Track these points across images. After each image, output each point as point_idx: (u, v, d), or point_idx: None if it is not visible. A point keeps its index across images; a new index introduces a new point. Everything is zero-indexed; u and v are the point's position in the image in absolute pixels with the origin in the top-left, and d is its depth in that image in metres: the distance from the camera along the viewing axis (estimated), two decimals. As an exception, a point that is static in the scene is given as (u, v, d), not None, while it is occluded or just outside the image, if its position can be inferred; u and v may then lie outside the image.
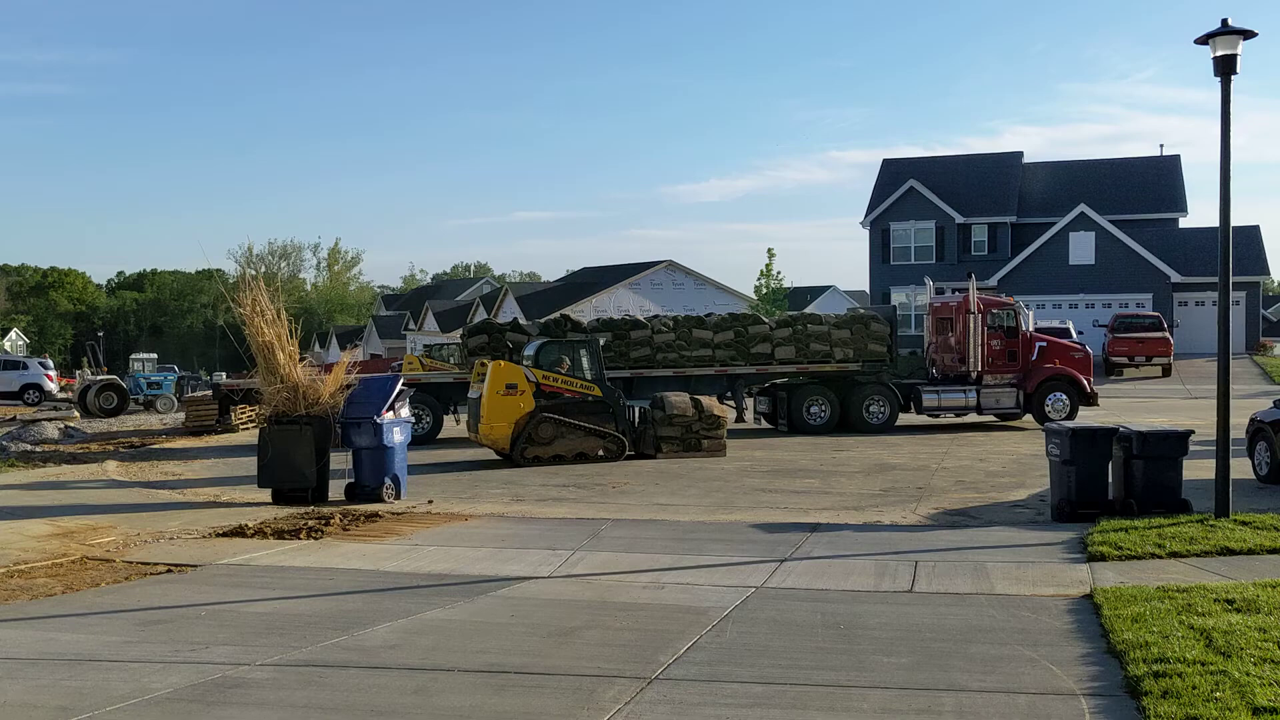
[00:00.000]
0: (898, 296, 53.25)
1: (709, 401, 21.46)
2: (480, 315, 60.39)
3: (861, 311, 28.69)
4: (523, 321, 28.63)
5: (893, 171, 58.07)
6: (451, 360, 36.69)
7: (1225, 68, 12.40)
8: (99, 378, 42.39)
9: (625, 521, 13.94)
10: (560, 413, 19.99)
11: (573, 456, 20.01)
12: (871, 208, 56.00)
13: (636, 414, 20.98)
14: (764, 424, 26.80)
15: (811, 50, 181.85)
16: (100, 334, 77.98)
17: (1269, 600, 8.83)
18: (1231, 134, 12.53)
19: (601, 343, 22.25)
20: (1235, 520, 12.27)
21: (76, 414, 37.43)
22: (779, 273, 55.58)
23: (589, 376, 20.60)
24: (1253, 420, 16.75)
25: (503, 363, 20.54)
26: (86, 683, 7.50)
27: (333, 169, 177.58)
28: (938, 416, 25.77)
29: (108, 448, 25.39)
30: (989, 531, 13.00)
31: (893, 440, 23.36)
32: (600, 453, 20.20)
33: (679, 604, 9.63)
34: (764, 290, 54.58)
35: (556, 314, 30.55)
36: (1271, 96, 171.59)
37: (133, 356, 55.50)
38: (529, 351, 21.57)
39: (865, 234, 56.19)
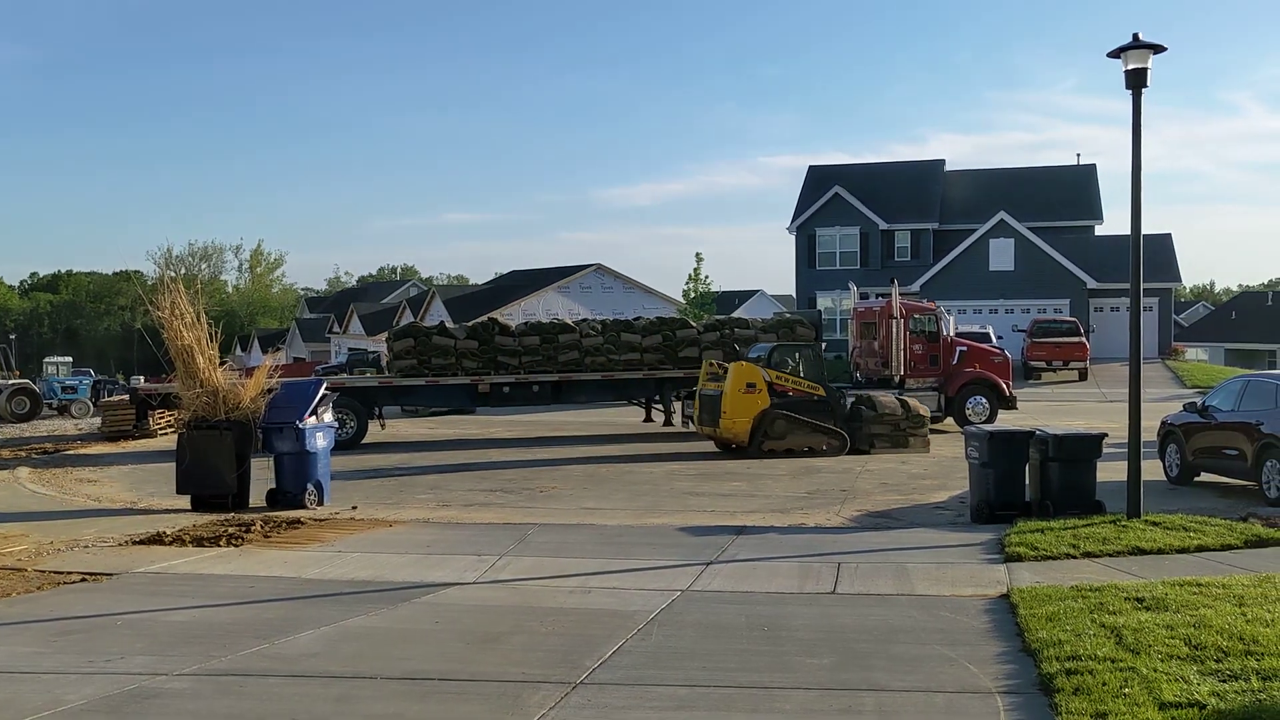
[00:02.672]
0: (823, 301, 53.86)
1: (914, 402, 22.45)
2: (407, 318, 59.75)
3: (788, 316, 28.98)
4: (450, 325, 28.45)
5: (818, 178, 58.70)
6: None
7: (1136, 81, 12.78)
8: (11, 382, 41.17)
9: (553, 526, 13.94)
10: (790, 410, 21.20)
11: (802, 450, 21.10)
12: (798, 213, 56.55)
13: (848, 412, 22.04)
14: (692, 427, 26.89)
15: (742, 57, 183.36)
16: (12, 337, 75.67)
17: (1177, 598, 9.11)
18: (1143, 145, 12.95)
19: (824, 346, 23.69)
20: (1146, 521, 12.64)
21: (-13, 419, 36.35)
22: (707, 277, 55.77)
23: (813, 378, 21.74)
24: (1164, 423, 17.25)
25: (744, 364, 21.79)
26: (-4, 696, 7.31)
27: (256, 171, 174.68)
28: (862, 420, 26.08)
29: (20, 454, 24.69)
30: (911, 533, 13.23)
31: (818, 443, 23.60)
32: (824, 447, 21.26)
33: (605, 608, 9.66)
34: (692, 294, 54.76)
35: (484, 317, 30.43)
36: (1186, 107, 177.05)
37: (46, 360, 54.03)
38: (756, 353, 22.71)
39: (792, 239, 56.75)
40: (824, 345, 27.33)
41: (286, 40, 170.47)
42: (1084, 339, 41.55)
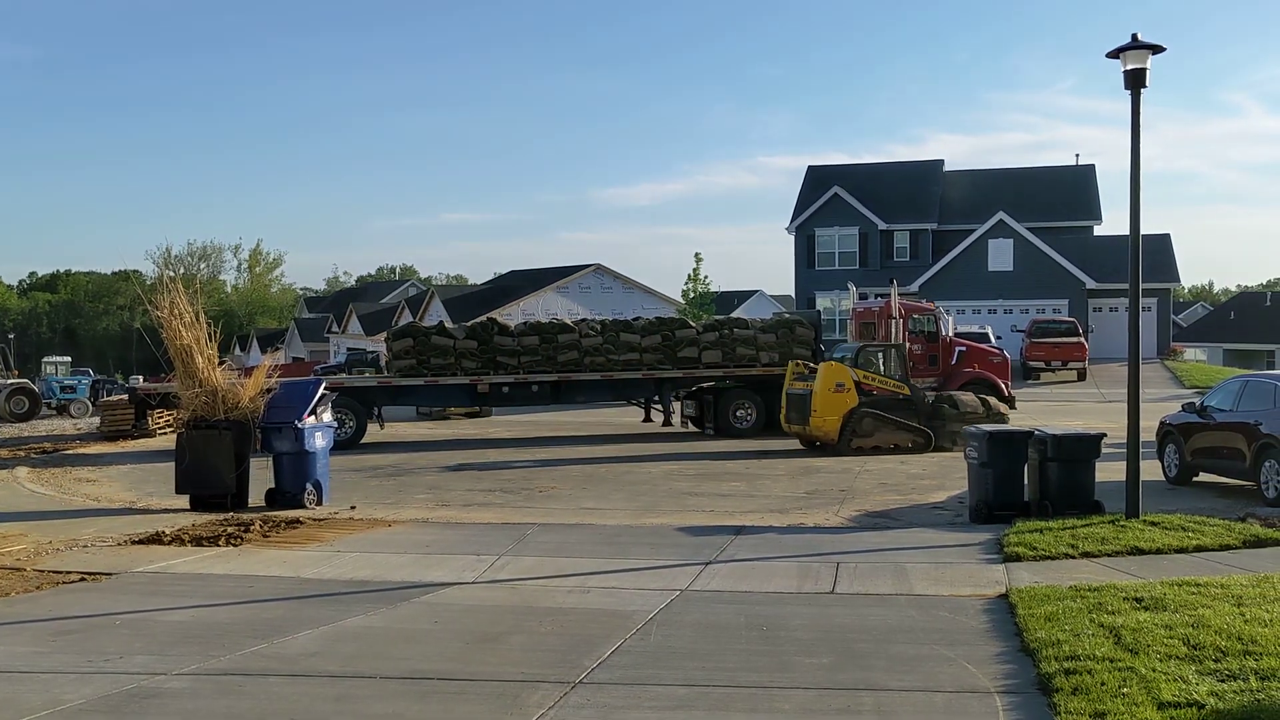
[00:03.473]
0: (822, 301, 53.88)
1: (994, 401, 23.07)
2: (405, 318, 59.75)
3: (787, 316, 29.01)
4: (449, 325, 28.45)
5: (817, 178, 58.72)
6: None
7: (1135, 81, 12.78)
8: (10, 381, 41.13)
9: (552, 526, 13.94)
10: (877, 408, 21.78)
11: (888, 448, 21.59)
12: (797, 213, 56.57)
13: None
14: (691, 427, 26.94)
15: (742, 58, 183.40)
16: (11, 336, 75.61)
17: (1175, 598, 9.11)
18: (1142, 145, 12.95)
19: (907, 349, 24.16)
20: (1145, 521, 12.64)
21: (-14, 419, 36.32)
22: (706, 277, 55.90)
23: (897, 377, 22.37)
24: (1162, 424, 17.25)
25: (833, 363, 22.43)
26: (-5, 695, 7.31)
27: (255, 170, 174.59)
28: (861, 420, 26.13)
29: (19, 454, 24.68)
30: (909, 533, 13.23)
31: (817, 443, 23.62)
32: (910, 445, 21.69)
33: (604, 608, 9.66)
34: (691, 294, 54.79)
35: (483, 317, 30.42)
36: (1184, 108, 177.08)
37: (45, 360, 54.01)
38: (841, 354, 23.23)
39: (791, 239, 56.77)
40: (823, 346, 27.41)
41: (285, 37, 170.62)
42: (1083, 339, 41.56)
